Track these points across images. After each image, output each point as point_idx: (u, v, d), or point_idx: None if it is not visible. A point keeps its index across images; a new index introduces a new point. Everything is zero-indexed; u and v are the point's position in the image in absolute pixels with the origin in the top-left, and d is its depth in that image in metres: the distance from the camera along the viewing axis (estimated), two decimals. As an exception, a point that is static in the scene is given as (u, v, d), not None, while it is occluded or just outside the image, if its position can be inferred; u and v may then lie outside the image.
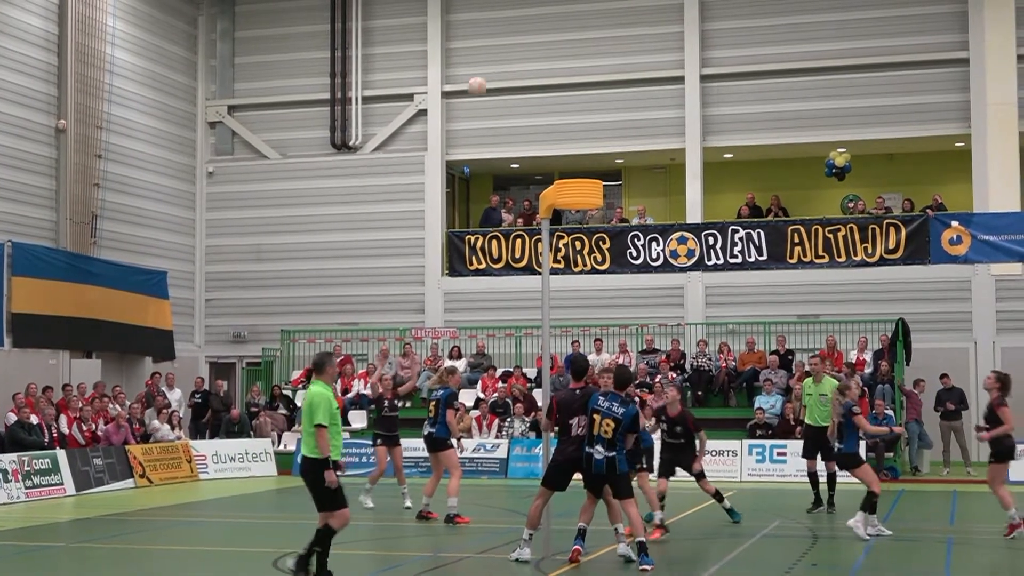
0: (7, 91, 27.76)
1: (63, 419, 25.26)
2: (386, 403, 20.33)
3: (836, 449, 16.82)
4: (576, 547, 13.54)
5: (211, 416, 29.48)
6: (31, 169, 28.42)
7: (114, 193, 30.75)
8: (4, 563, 15.10)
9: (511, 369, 29.94)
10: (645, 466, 16.39)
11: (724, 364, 28.93)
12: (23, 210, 28.08)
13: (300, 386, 31.07)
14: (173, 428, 27.52)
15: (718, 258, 30.86)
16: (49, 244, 28.57)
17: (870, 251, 30.03)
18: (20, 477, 22.55)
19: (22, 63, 28.28)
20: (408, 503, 19.66)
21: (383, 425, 20.29)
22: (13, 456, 22.64)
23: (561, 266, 31.13)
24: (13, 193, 27.81)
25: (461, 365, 30.45)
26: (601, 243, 31.48)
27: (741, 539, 15.93)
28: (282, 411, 29.84)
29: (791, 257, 30.49)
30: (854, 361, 27.77)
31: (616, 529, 13.87)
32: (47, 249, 28.22)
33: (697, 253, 30.93)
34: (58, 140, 29.15)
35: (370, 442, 23.34)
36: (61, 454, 23.86)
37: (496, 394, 28.73)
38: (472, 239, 32.67)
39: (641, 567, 13.08)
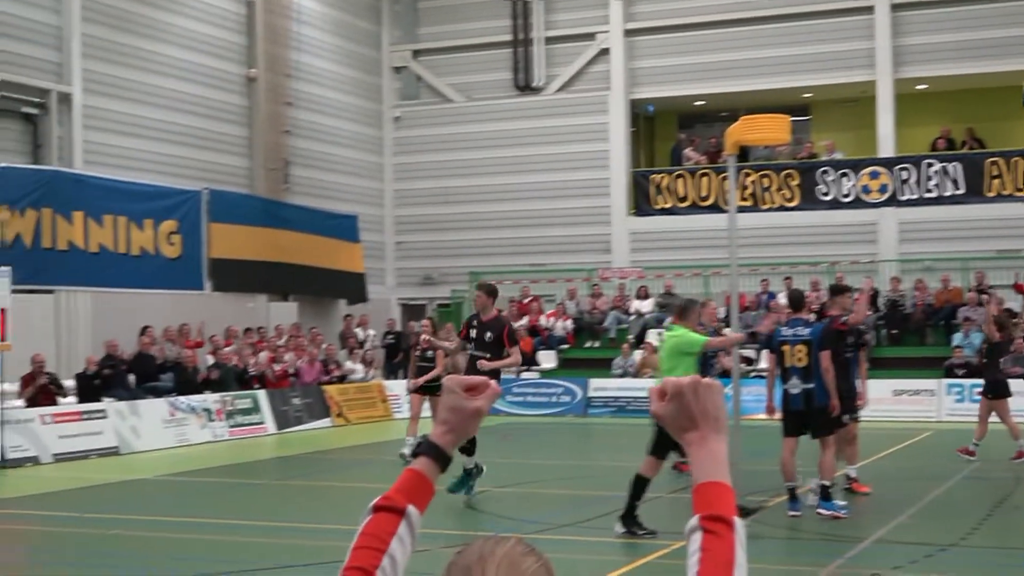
0: (201, 42, 28.45)
1: (262, 359, 25.96)
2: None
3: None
4: (793, 513, 12.74)
5: (403, 356, 29.94)
6: (225, 118, 29.14)
7: (304, 140, 31.35)
8: (209, 499, 15.64)
9: (698, 308, 29.57)
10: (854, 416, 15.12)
11: (920, 302, 28.13)
12: (219, 158, 28.85)
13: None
14: (367, 368, 28.06)
15: (912, 193, 29.95)
16: (244, 191, 29.29)
17: (1074, 182, 28.73)
18: (224, 416, 23.29)
19: (214, 14, 28.94)
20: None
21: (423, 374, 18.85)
22: (216, 396, 23.38)
23: (749, 204, 30.58)
24: (209, 142, 28.59)
25: (648, 305, 30.33)
26: (790, 179, 30.86)
27: (940, 481, 15.48)
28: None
29: (989, 190, 29.39)
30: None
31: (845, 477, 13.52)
32: (242, 196, 28.92)
33: (890, 188, 30.07)
34: (249, 89, 29.80)
35: (558, 382, 23.33)
36: (262, 394, 24.55)
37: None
38: (657, 178, 32.36)
39: (818, 510, 12.71)
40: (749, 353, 25.47)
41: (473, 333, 14.14)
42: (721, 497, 2.18)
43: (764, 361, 21.02)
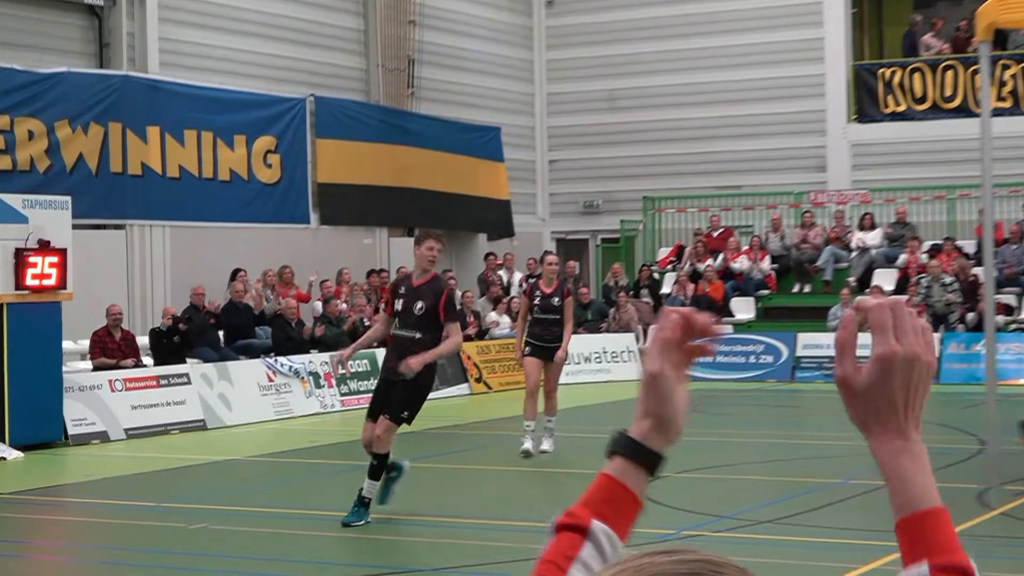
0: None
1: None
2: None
3: None
4: None
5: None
6: (335, 6, 29.23)
7: (434, 32, 31.32)
8: (316, 485, 15.80)
9: (940, 242, 29.04)
10: None
11: None
12: (327, 57, 28.96)
13: (669, 267, 31.12)
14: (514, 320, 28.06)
15: None
16: (359, 98, 29.40)
17: None
18: (333, 381, 23.49)
19: None
20: (528, 444, 16.77)
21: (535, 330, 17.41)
22: (325, 356, 23.53)
23: (1007, 105, 29.89)
24: (315, 37, 28.68)
25: (875, 238, 29.80)
26: (1062, 73, 30.13)
27: None
28: (646, 299, 29.90)
29: None
30: None
31: None
32: (356, 104, 29.05)
33: None
34: (365, -31, 29.90)
35: (757, 338, 23.06)
36: (380, 355, 24.62)
37: (924, 275, 27.90)
38: (887, 74, 31.77)
39: None
40: (1008, 299, 24.87)
41: (399, 304, 12.66)
42: (951, 535, 1.95)
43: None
